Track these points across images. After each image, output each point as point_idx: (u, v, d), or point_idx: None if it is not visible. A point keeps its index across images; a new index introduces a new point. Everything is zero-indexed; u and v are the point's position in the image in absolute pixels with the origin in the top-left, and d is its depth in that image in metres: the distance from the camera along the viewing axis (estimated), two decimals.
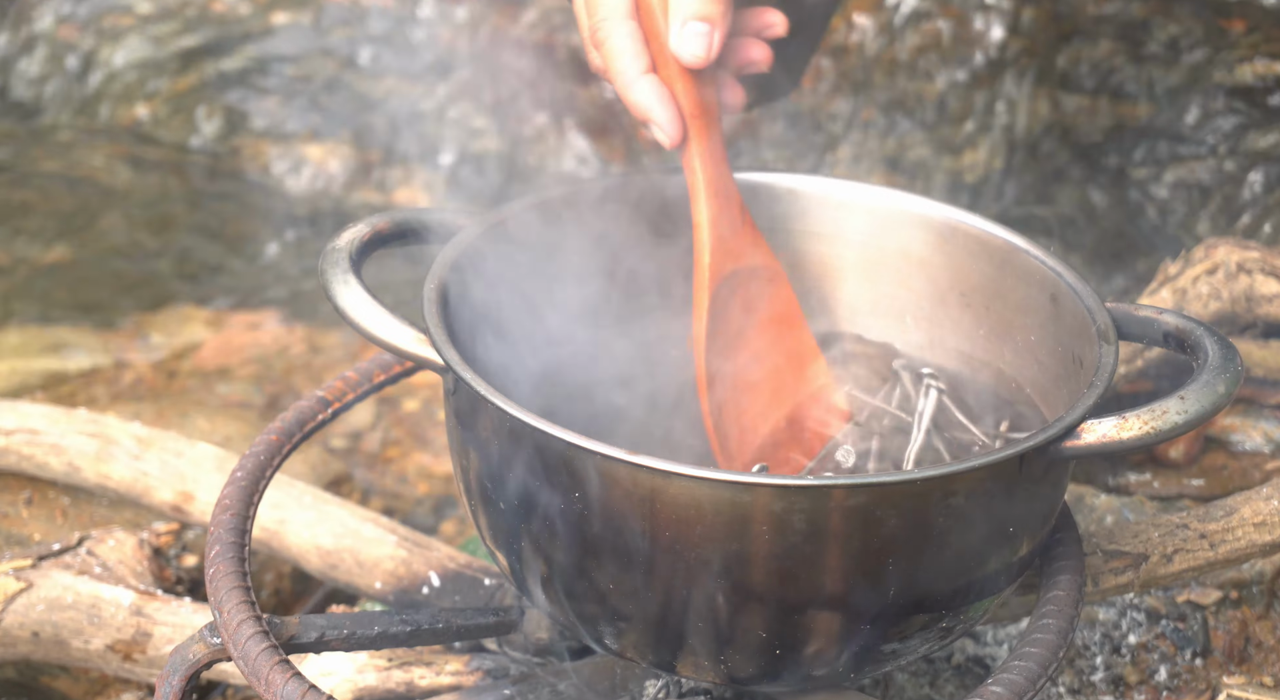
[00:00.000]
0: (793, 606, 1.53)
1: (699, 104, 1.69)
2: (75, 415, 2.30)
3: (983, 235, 1.81)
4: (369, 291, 1.66)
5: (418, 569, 2.04)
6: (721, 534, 1.49)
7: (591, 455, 1.49)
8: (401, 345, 1.63)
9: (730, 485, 1.47)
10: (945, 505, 1.50)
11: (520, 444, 1.54)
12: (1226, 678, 2.01)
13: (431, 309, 1.64)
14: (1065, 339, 1.71)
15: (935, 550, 1.53)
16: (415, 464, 2.62)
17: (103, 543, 2.09)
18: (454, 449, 1.69)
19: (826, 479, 1.49)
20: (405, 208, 1.82)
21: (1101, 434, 1.55)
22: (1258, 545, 1.88)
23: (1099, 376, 1.60)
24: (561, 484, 1.52)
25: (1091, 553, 1.85)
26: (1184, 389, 1.56)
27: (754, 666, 1.58)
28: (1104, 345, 1.64)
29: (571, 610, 1.62)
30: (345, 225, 1.74)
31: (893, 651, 1.61)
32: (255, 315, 3.01)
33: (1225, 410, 2.38)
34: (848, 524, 1.49)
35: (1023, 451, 1.52)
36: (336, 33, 3.61)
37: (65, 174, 3.47)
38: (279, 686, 1.56)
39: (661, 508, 1.49)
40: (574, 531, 1.54)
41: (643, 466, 1.47)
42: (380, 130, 3.49)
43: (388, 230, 1.76)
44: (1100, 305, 1.69)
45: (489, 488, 1.61)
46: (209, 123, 3.57)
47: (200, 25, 3.69)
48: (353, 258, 1.69)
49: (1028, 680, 1.58)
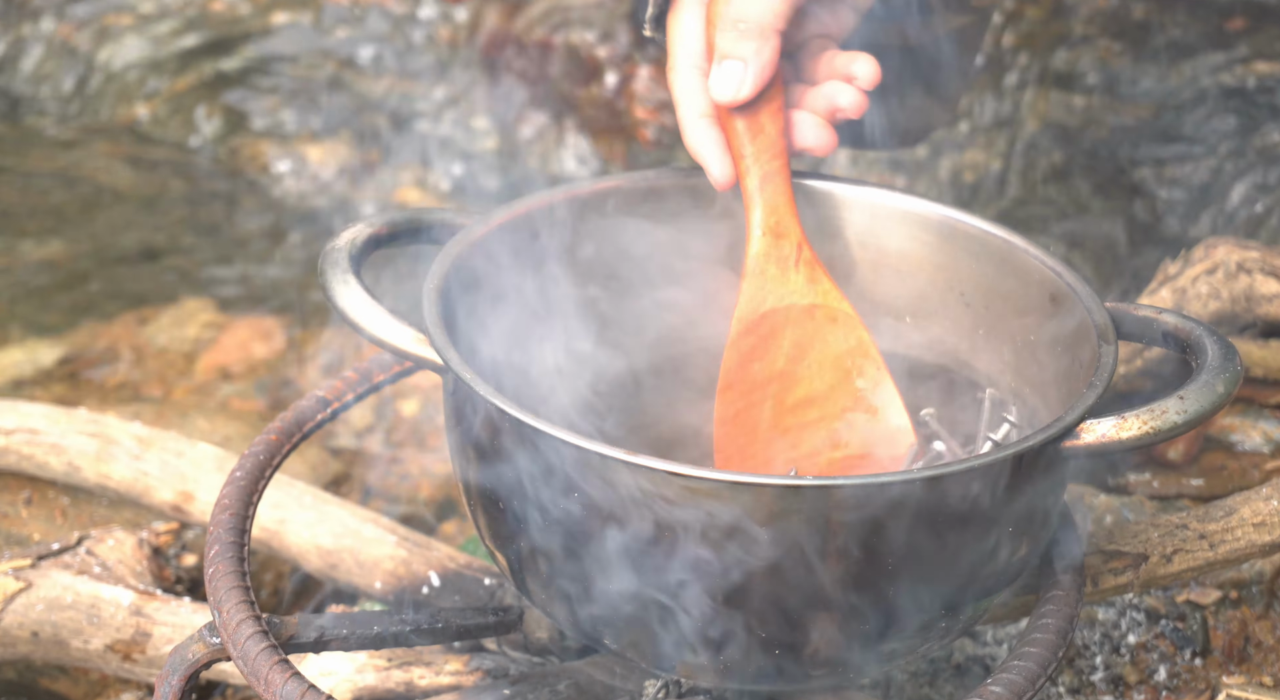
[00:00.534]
0: (792, 607, 1.53)
1: (757, 145, 1.72)
2: (75, 415, 2.30)
3: (982, 235, 1.81)
4: (368, 291, 1.66)
5: (418, 569, 2.04)
6: (721, 535, 1.49)
7: (590, 455, 1.49)
8: (401, 345, 1.63)
9: (730, 485, 1.47)
10: (944, 505, 1.50)
11: (519, 444, 1.54)
12: (1226, 677, 2.01)
13: (431, 308, 1.64)
14: (1065, 339, 1.70)
15: (935, 550, 1.53)
16: (415, 464, 2.62)
17: (102, 542, 2.09)
18: (453, 448, 1.69)
19: (825, 479, 1.48)
20: (405, 208, 1.82)
21: (1100, 434, 1.55)
22: (1257, 545, 1.88)
23: (1098, 376, 1.60)
24: (560, 484, 1.52)
25: (1091, 553, 1.85)
26: (1183, 389, 1.56)
27: (753, 666, 1.58)
28: (1103, 345, 1.64)
29: (571, 610, 1.62)
30: (345, 225, 1.74)
31: (892, 651, 1.61)
32: (255, 315, 3.01)
33: (1224, 410, 2.38)
34: (847, 524, 1.49)
35: (1022, 451, 1.52)
36: (336, 33, 3.61)
37: (65, 174, 3.47)
38: (278, 686, 1.56)
39: (660, 509, 1.49)
40: (573, 532, 1.54)
41: (642, 467, 1.47)
42: (380, 130, 3.49)
43: (387, 230, 1.75)
44: (1099, 305, 1.69)
45: (488, 487, 1.61)
46: (209, 123, 3.57)
47: (200, 25, 3.69)
48: (352, 257, 1.69)
49: (1027, 680, 1.58)
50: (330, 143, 3.48)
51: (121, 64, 3.67)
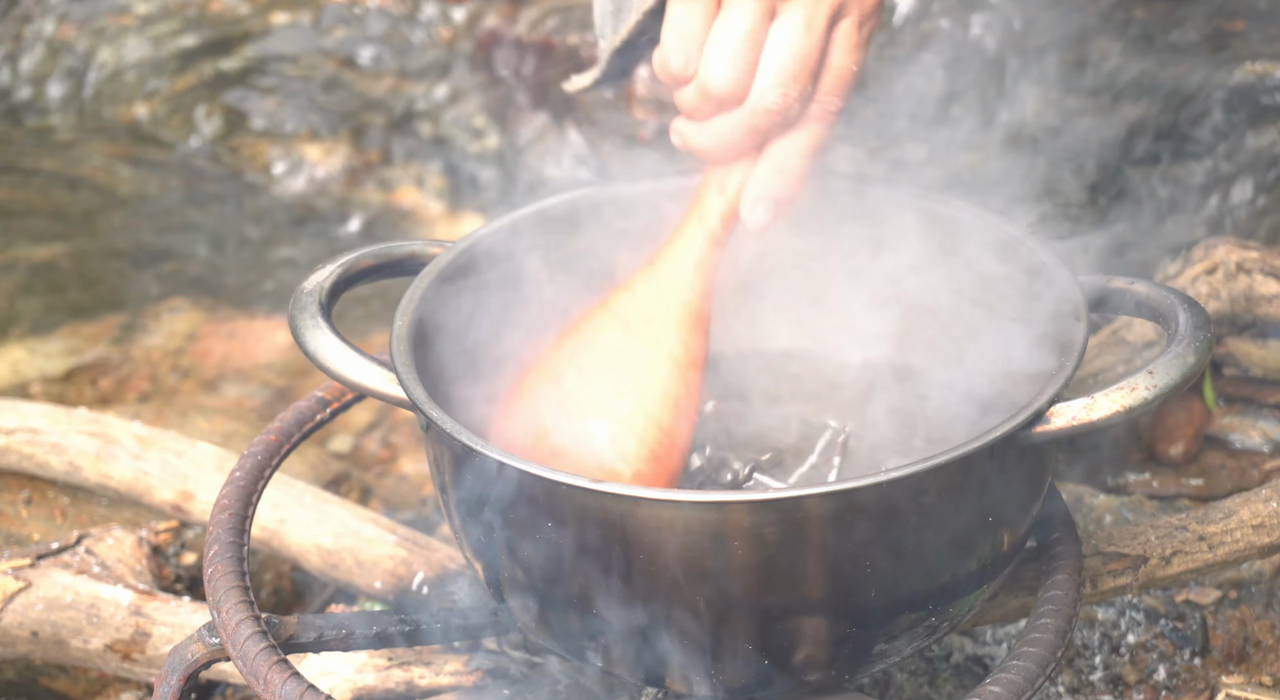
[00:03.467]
0: (776, 617, 1.53)
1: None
2: (76, 415, 2.30)
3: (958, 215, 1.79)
4: (338, 334, 1.66)
5: (418, 569, 2.05)
6: (695, 553, 1.48)
7: (558, 486, 1.49)
8: (372, 386, 1.64)
9: (699, 505, 1.47)
10: (918, 503, 1.49)
11: (492, 479, 1.54)
12: (1225, 677, 2.01)
13: (400, 346, 1.64)
14: (1047, 321, 1.67)
15: (913, 549, 1.52)
16: (415, 464, 2.62)
17: (101, 541, 2.09)
18: (434, 481, 1.70)
19: (797, 490, 1.47)
20: (373, 244, 1.82)
21: (1071, 417, 1.52)
22: (1256, 547, 1.88)
23: (1067, 358, 1.57)
24: (535, 516, 1.52)
25: (1090, 555, 1.85)
26: (1153, 363, 1.53)
27: (744, 677, 1.58)
28: (1074, 323, 1.61)
29: (559, 640, 1.62)
30: (311, 269, 1.73)
31: (881, 652, 1.60)
32: (254, 315, 3.01)
33: (1222, 408, 2.39)
34: (821, 531, 1.48)
35: (992, 442, 1.49)
36: (336, 32, 3.61)
37: (65, 174, 3.47)
38: (277, 686, 1.56)
39: (632, 532, 1.48)
40: (551, 561, 1.55)
41: (609, 494, 1.47)
42: (380, 130, 3.49)
43: (356, 268, 1.75)
44: (1073, 281, 1.66)
45: (468, 519, 1.61)
46: (208, 123, 3.57)
47: (200, 25, 3.69)
48: (321, 303, 1.69)
49: (1026, 680, 1.58)
50: (330, 143, 3.48)
51: (121, 64, 3.67)
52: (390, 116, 3.49)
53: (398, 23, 3.57)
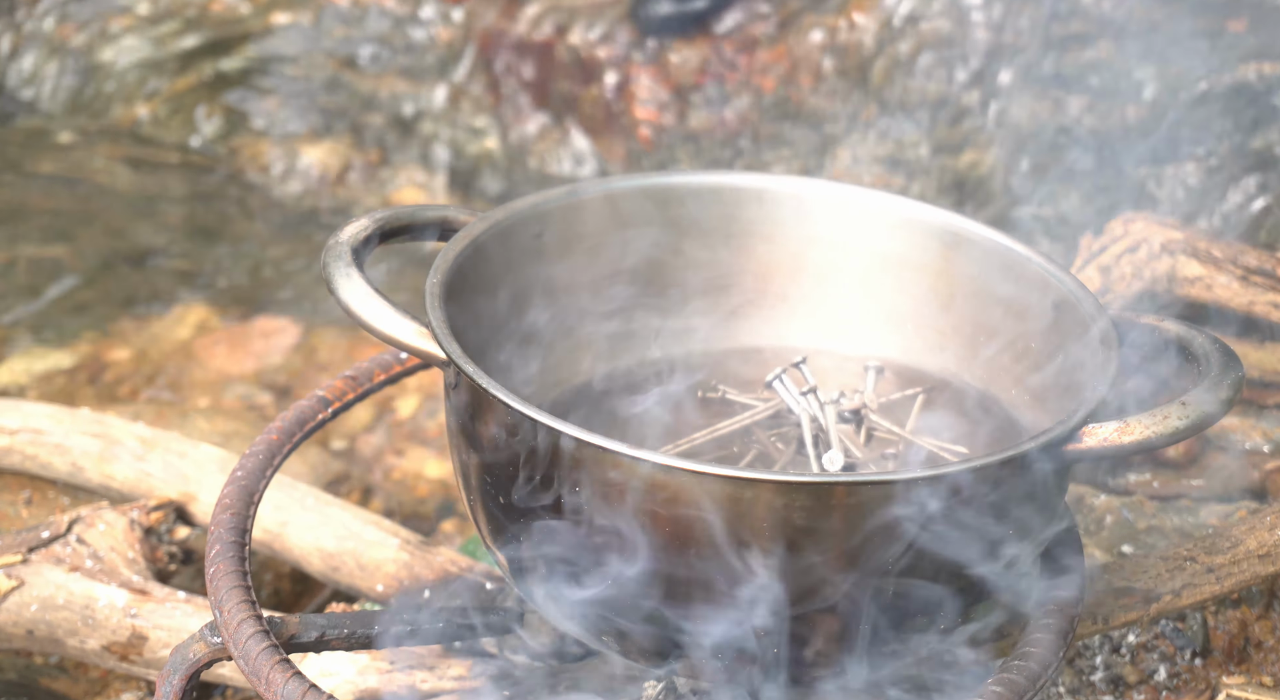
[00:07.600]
0: (793, 607, 1.53)
1: None
2: (79, 415, 2.30)
3: (985, 242, 1.81)
4: (371, 285, 1.66)
5: (420, 573, 2.04)
6: (723, 530, 1.49)
7: (593, 449, 1.49)
8: (403, 339, 1.63)
9: (733, 481, 1.47)
10: (947, 505, 1.50)
11: (521, 439, 1.54)
12: (1226, 677, 2.01)
13: (434, 302, 1.64)
14: (1067, 346, 1.71)
15: (937, 550, 1.53)
16: (415, 465, 2.62)
17: (93, 527, 2.07)
18: (453, 445, 1.69)
19: (829, 476, 1.49)
20: (409, 204, 1.82)
21: (1102, 438, 1.56)
22: (1261, 576, 1.90)
23: (1101, 381, 1.60)
24: (562, 479, 1.52)
25: (1103, 591, 1.86)
26: (1186, 395, 1.57)
27: (754, 667, 1.58)
28: (1106, 351, 1.64)
29: (571, 609, 1.62)
30: (348, 219, 1.74)
31: (893, 652, 1.61)
32: (254, 315, 3.01)
33: None
34: (848, 521, 1.49)
35: (1025, 453, 1.52)
36: (336, 33, 3.61)
37: (65, 174, 3.48)
38: (279, 686, 1.56)
39: (663, 503, 1.49)
40: (575, 528, 1.54)
41: (645, 461, 1.47)
42: (380, 130, 3.49)
43: (390, 226, 1.76)
44: (1102, 311, 1.69)
45: (488, 483, 1.61)
46: (209, 123, 3.57)
47: (200, 25, 3.69)
48: (355, 251, 1.69)
49: (1028, 680, 1.58)
50: (330, 143, 3.48)
51: (122, 64, 3.67)
52: (390, 116, 3.49)
53: (398, 23, 3.57)
